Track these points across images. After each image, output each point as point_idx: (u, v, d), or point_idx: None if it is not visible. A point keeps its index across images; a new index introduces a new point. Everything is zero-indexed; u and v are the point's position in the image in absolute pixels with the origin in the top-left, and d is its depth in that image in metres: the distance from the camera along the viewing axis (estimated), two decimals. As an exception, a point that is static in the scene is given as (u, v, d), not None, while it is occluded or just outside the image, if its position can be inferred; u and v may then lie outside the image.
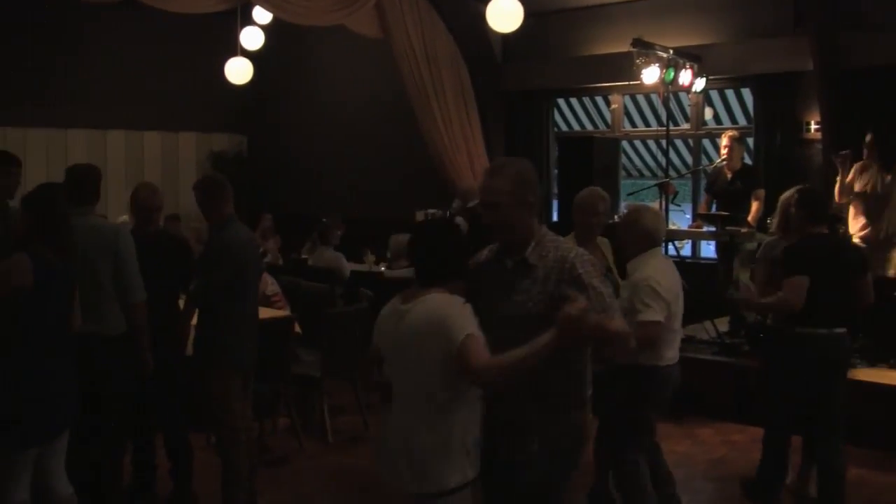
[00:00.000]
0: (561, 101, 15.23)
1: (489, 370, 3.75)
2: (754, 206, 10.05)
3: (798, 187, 7.16)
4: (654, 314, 5.67)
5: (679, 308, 6.02)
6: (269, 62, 13.74)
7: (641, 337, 5.28)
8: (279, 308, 9.09)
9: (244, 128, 17.08)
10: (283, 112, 16.68)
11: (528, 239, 4.12)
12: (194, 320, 6.60)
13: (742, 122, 13.80)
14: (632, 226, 6.04)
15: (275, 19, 11.78)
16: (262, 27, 12.13)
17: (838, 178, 9.29)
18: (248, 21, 12.13)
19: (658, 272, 5.86)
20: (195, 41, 14.58)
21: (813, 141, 11.71)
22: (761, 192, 10.13)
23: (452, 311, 3.87)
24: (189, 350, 6.66)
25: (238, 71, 12.01)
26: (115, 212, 11.22)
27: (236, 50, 12.10)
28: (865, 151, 9.13)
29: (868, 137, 9.04)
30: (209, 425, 7.08)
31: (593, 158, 10.14)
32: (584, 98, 15.29)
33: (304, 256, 12.43)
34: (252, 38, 12.11)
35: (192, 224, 11.15)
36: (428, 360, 3.85)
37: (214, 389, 6.36)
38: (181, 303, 6.83)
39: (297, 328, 8.79)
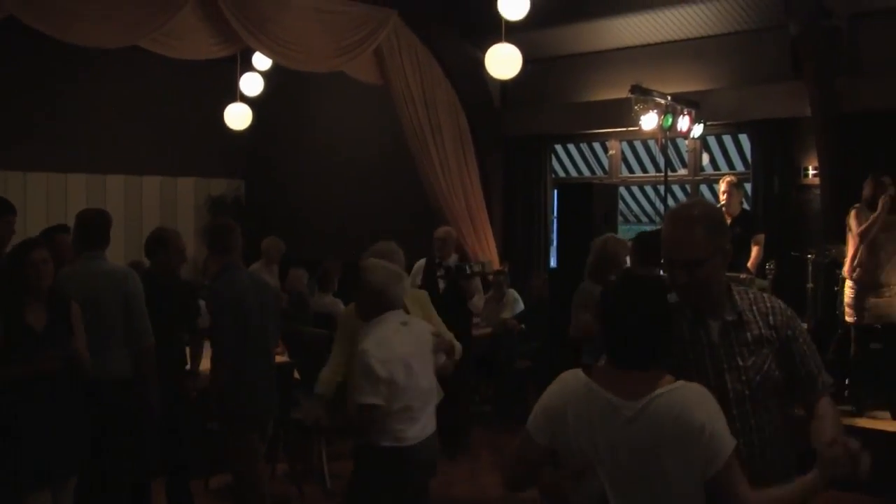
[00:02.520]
0: (559, 147, 15.28)
1: None
2: (754, 251, 10.05)
3: (639, 233, 7.46)
4: (368, 397, 4.93)
5: (415, 380, 5.14)
6: (268, 108, 13.81)
7: (358, 422, 5.00)
8: (279, 354, 9.06)
9: (242, 172, 17.14)
10: (282, 157, 16.72)
11: (723, 293, 3.43)
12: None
13: (740, 167, 13.84)
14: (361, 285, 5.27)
15: (274, 65, 11.84)
16: (262, 73, 12.20)
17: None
18: (248, 67, 12.19)
19: (380, 344, 5.06)
20: (195, 86, 14.66)
21: (811, 186, 11.74)
22: (761, 238, 10.15)
23: (711, 409, 3.02)
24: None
25: (237, 116, 12.07)
26: (113, 255, 11.18)
27: (236, 95, 12.16)
28: (867, 193, 9.10)
29: (872, 179, 9.06)
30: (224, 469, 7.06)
31: (593, 204, 10.14)
32: (582, 144, 15.33)
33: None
34: (252, 83, 12.17)
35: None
36: (676, 477, 2.99)
37: (229, 444, 6.34)
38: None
39: (297, 374, 8.78)
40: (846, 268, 9.29)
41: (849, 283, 9.24)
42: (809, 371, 3.43)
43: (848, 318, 9.26)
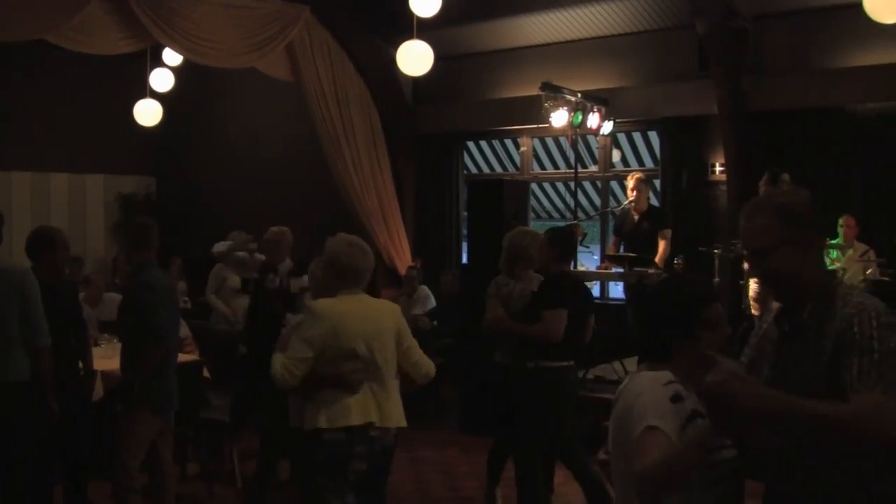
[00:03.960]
0: (471, 144, 15.32)
1: (647, 473, 2.94)
2: (661, 246, 10.15)
3: (552, 230, 7.59)
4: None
5: None
6: (179, 104, 13.64)
7: None
8: (189, 352, 8.97)
9: (153, 170, 16.92)
10: (194, 154, 16.55)
11: (812, 293, 3.09)
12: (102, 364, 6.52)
13: (649, 164, 13.99)
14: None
15: (185, 61, 11.72)
16: (173, 69, 12.05)
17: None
18: (158, 63, 12.04)
19: None
20: (104, 82, 14.45)
21: (718, 182, 11.96)
22: (668, 233, 10.26)
23: (647, 395, 3.08)
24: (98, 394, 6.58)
25: (147, 113, 11.92)
26: (21, 255, 10.96)
27: (146, 92, 12.00)
28: (763, 189, 9.23)
29: (784, 177, 9.20)
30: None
31: (503, 201, 10.18)
32: (494, 141, 15.39)
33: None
34: (162, 79, 12.02)
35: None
36: (618, 450, 3.18)
37: (127, 430, 6.28)
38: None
39: (206, 372, 8.70)
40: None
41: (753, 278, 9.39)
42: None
43: (753, 312, 9.41)
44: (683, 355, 3.14)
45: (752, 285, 9.43)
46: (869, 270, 9.89)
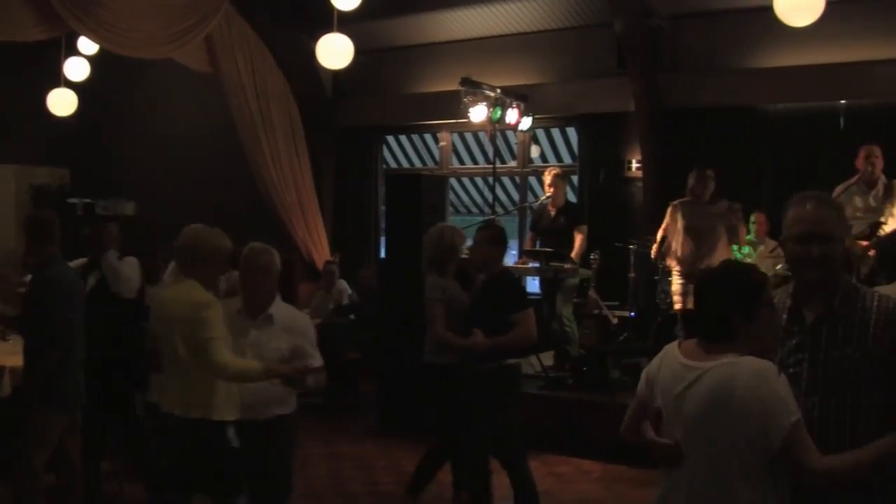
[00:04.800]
0: (391, 138, 15.33)
1: (830, 475, 3.09)
2: (578, 241, 10.18)
3: (484, 225, 7.59)
4: (320, 358, 5.57)
5: None
6: (95, 94, 13.41)
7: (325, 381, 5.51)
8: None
9: (68, 161, 16.62)
10: (110, 145, 16.25)
11: (839, 283, 3.47)
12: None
13: (568, 160, 14.12)
14: (270, 266, 5.56)
15: (102, 50, 11.53)
16: (88, 58, 11.84)
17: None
18: (74, 52, 11.83)
19: (306, 316, 5.80)
20: (16, 71, 14.15)
21: (634, 179, 12.13)
22: (584, 228, 10.30)
23: (762, 387, 3.09)
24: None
25: (61, 102, 11.70)
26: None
27: (60, 81, 11.79)
28: (692, 185, 9.34)
29: (696, 172, 9.29)
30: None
31: (421, 195, 10.20)
32: (413, 135, 15.40)
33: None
34: (77, 68, 11.79)
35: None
36: (724, 443, 3.13)
37: (30, 429, 6.16)
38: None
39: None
40: (668, 258, 9.54)
41: (676, 272, 9.49)
42: None
43: (676, 306, 9.49)
44: (745, 335, 3.21)
45: (676, 280, 9.49)
46: (779, 266, 10.06)
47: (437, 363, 6.81)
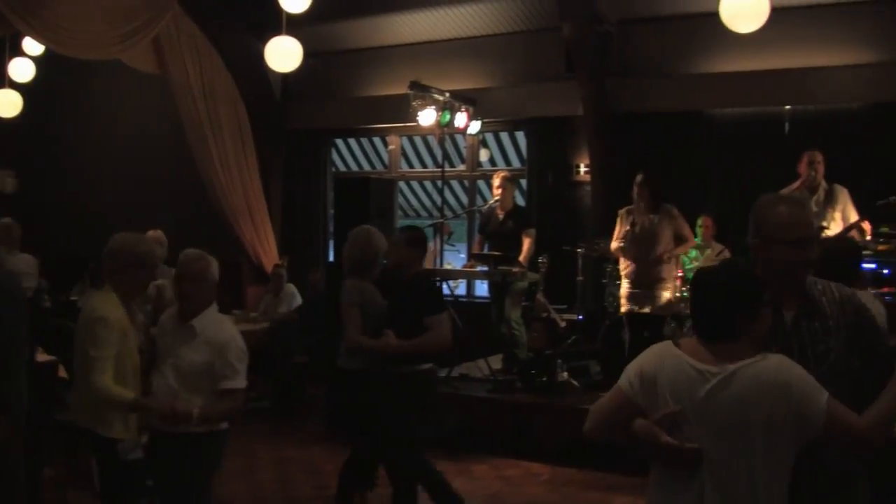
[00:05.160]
0: (340, 142, 15.30)
1: (877, 427, 3.18)
2: (525, 245, 10.19)
3: (405, 228, 7.49)
4: (242, 380, 5.07)
5: None
6: (41, 95, 13.28)
7: (235, 409, 5.00)
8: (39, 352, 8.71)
9: (13, 163, 16.42)
10: (58, 147, 16.05)
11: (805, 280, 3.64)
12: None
13: (516, 164, 14.16)
14: (203, 274, 5.20)
15: (47, 50, 11.41)
16: (34, 59, 11.72)
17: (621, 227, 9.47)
18: (18, 52, 11.71)
19: (235, 330, 5.26)
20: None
21: (583, 183, 12.20)
22: (532, 232, 10.31)
23: (795, 371, 3.21)
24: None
25: (5, 103, 11.59)
26: None
27: (4, 82, 11.67)
28: (635, 192, 9.33)
29: (639, 178, 9.28)
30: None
31: (369, 199, 10.21)
32: (362, 138, 15.39)
33: (73, 298, 12.01)
34: (22, 69, 11.68)
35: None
36: (764, 443, 3.15)
37: None
38: None
39: (63, 372, 8.47)
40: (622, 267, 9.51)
41: (624, 277, 9.50)
42: (880, 356, 3.58)
43: (623, 309, 9.49)
44: (748, 333, 3.26)
45: (625, 284, 9.47)
46: (726, 270, 10.16)
47: (349, 367, 6.73)
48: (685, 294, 9.84)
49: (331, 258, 13.05)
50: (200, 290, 5.15)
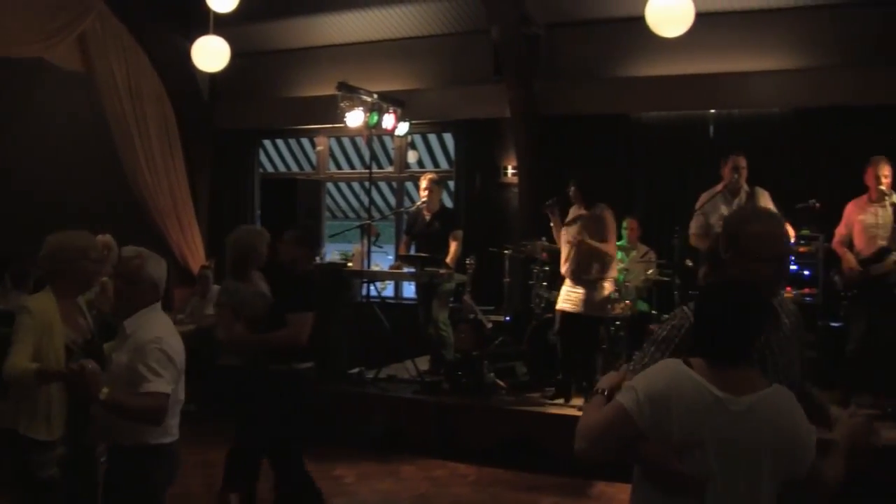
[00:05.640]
0: (268, 142, 15.24)
1: (839, 477, 3.26)
2: (452, 247, 10.23)
3: (301, 230, 7.76)
4: (165, 385, 4.68)
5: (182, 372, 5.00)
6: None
7: (151, 409, 4.59)
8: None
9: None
10: (-24, 146, 15.83)
11: None
12: None
13: (444, 165, 14.20)
14: (137, 274, 4.94)
15: (-35, 47, 11.22)
16: (-48, 56, 11.52)
17: (552, 226, 9.45)
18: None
19: (167, 333, 4.92)
20: None
21: (510, 184, 12.27)
22: (459, 234, 10.36)
23: (797, 405, 3.23)
24: None
25: (-76, 100, 11.39)
26: None
27: (-79, 79, 11.46)
28: (571, 197, 9.30)
29: (571, 188, 9.25)
30: None
31: (296, 200, 10.17)
32: (290, 139, 15.34)
33: (-7, 301, 11.82)
34: (-65, 66, 11.48)
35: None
36: (766, 475, 3.16)
37: None
38: None
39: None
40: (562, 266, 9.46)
41: (568, 279, 9.44)
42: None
43: (560, 306, 9.40)
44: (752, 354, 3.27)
45: (567, 283, 9.37)
46: (650, 271, 10.30)
47: (225, 364, 6.89)
48: (612, 296, 9.94)
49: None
50: (136, 290, 4.91)
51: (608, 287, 9.16)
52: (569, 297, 9.11)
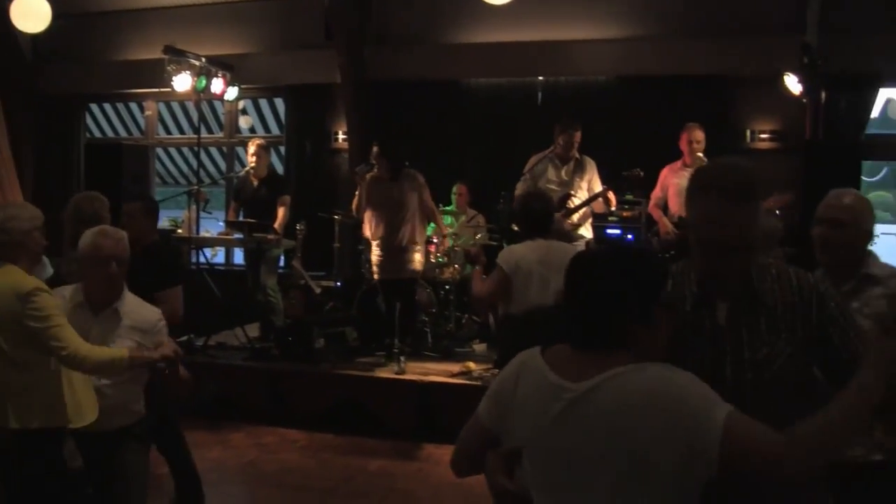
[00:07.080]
0: (94, 107, 14.89)
1: (799, 446, 2.35)
2: (280, 212, 10.19)
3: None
4: None
5: None
6: None
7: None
8: None
9: None
10: None
11: (747, 266, 2.86)
12: None
13: (276, 131, 14.13)
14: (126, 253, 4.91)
15: None
16: None
17: (357, 193, 9.40)
18: None
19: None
20: None
21: (341, 150, 12.29)
22: (287, 199, 10.31)
23: (684, 382, 2.42)
24: None
25: None
26: None
27: None
28: (373, 160, 9.25)
29: (374, 149, 9.26)
30: None
31: (123, 165, 9.98)
32: (118, 104, 15.01)
33: None
34: None
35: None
36: (643, 462, 2.36)
37: None
38: None
39: None
40: (368, 231, 9.49)
41: (375, 244, 9.50)
42: (855, 352, 2.78)
43: (376, 276, 9.54)
44: (641, 343, 2.52)
45: (375, 252, 9.37)
46: (478, 235, 10.44)
47: None
48: (441, 259, 10.08)
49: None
50: (115, 272, 4.83)
51: (429, 249, 9.36)
52: (385, 263, 9.19)
